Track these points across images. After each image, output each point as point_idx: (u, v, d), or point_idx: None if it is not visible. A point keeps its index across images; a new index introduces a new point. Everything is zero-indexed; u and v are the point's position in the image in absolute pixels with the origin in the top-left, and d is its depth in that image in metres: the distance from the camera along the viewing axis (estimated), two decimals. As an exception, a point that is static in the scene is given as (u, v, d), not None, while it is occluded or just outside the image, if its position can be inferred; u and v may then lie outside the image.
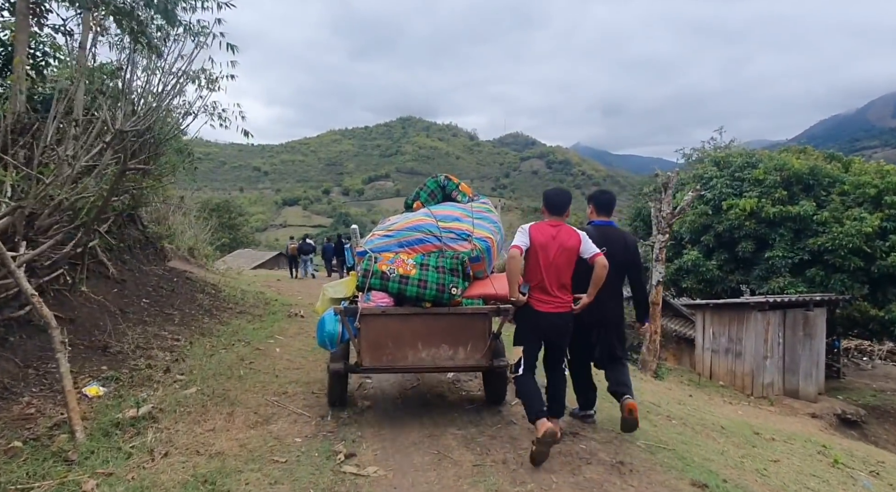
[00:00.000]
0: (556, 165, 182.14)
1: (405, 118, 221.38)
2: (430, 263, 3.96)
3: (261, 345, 6.69)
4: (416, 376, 5.51)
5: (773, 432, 7.16)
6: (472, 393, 5.08)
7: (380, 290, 3.95)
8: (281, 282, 18.34)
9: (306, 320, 9.19)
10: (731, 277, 14.02)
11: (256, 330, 7.65)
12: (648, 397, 7.02)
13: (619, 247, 3.99)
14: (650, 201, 10.22)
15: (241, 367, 5.45)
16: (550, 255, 3.56)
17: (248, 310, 9.37)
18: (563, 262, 3.57)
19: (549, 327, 3.65)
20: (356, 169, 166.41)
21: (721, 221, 14.12)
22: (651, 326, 9.82)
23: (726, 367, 12.35)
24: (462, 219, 4.32)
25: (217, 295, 9.84)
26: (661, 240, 9.83)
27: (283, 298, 12.36)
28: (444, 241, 4.13)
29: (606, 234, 4.00)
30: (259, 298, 11.32)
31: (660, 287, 9.92)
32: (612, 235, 4.06)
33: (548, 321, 3.61)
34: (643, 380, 8.97)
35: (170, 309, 7.45)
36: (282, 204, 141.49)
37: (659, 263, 9.85)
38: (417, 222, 4.27)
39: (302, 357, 6.33)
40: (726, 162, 15.45)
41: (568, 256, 3.58)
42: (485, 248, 4.14)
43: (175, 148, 10.40)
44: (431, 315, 3.89)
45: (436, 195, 4.79)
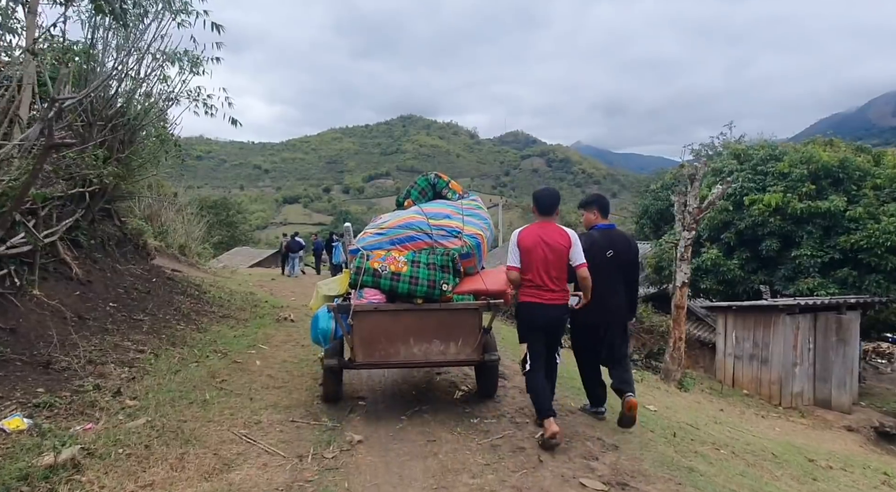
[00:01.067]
0: (557, 163, 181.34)
1: (406, 117, 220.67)
2: (422, 260, 4.03)
3: (240, 356, 5.82)
4: (417, 399, 4.66)
5: (825, 456, 6.29)
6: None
7: (372, 287, 4.01)
8: (275, 281, 17.46)
9: (297, 325, 8.33)
10: (754, 277, 13.12)
11: (238, 338, 6.78)
12: (682, 417, 6.14)
13: (624, 248, 4.16)
14: (673, 195, 9.34)
15: (210, 386, 4.58)
16: (541, 254, 3.73)
17: (232, 314, 8.51)
18: (553, 259, 3.74)
19: (545, 319, 3.80)
20: (357, 167, 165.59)
21: (743, 217, 13.20)
22: (675, 332, 8.95)
23: (751, 374, 11.47)
24: (452, 216, 4.38)
25: (200, 297, 8.98)
26: (686, 237, 8.95)
27: (275, 299, 11.49)
28: (435, 238, 4.21)
29: (612, 237, 4.17)
30: (248, 299, 10.45)
31: (684, 289, 9.05)
32: (618, 237, 4.24)
33: (543, 313, 3.78)
34: (668, 392, 8.09)
35: (140, 314, 6.58)
36: (282, 202, 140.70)
37: (683, 262, 8.97)
38: (408, 220, 4.33)
39: (286, 371, 5.45)
40: (747, 155, 14.53)
41: (558, 254, 3.75)
42: (475, 244, 4.21)
43: (156, 135, 9.50)
44: (423, 311, 3.96)
45: (426, 193, 4.82)
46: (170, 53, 8.53)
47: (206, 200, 48.28)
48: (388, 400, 4.67)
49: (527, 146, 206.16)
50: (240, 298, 10.28)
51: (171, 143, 10.16)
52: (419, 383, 5.19)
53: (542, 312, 3.77)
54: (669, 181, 29.39)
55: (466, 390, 4.94)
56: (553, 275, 3.75)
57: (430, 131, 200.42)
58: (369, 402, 4.61)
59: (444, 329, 3.97)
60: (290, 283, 16.26)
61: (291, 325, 8.29)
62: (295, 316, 9.25)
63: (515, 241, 3.84)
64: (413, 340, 3.94)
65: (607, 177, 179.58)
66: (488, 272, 4.34)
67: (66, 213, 6.99)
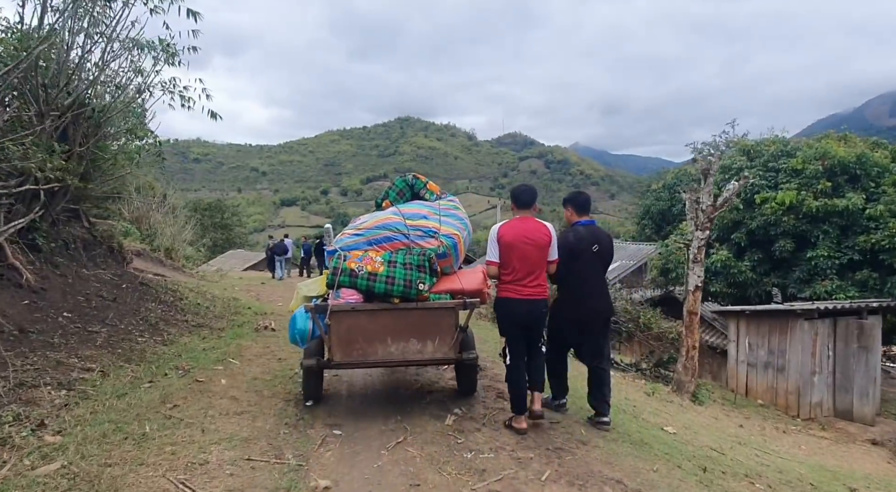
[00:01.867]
0: (555, 164, 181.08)
1: (403, 118, 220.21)
2: (398, 260, 4.06)
3: (203, 374, 5.12)
4: (402, 425, 3.98)
5: (863, 481, 5.62)
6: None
7: (349, 287, 4.03)
8: (265, 285, 16.76)
9: (277, 335, 7.64)
10: (767, 279, 12.45)
11: (207, 351, 6.09)
12: (705, 439, 5.46)
13: (606, 244, 4.16)
14: (684, 192, 8.67)
15: (158, 415, 3.88)
16: (521, 250, 3.78)
17: (207, 322, 7.82)
18: (534, 254, 3.79)
19: (525, 314, 3.83)
20: (354, 169, 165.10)
21: (754, 216, 12.53)
22: (688, 340, 8.27)
23: (766, 383, 10.79)
24: (429, 217, 4.42)
25: (175, 304, 8.29)
26: (699, 237, 8.27)
27: (260, 304, 10.80)
28: (412, 238, 4.24)
29: (595, 233, 4.18)
30: (229, 306, 9.76)
31: (698, 293, 8.36)
32: (600, 233, 4.23)
33: (523, 308, 3.81)
34: (683, 407, 7.41)
35: (97, 325, 5.88)
36: (280, 204, 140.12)
37: (697, 264, 8.29)
38: (385, 221, 4.36)
39: (254, 391, 4.76)
40: (756, 151, 13.87)
41: (540, 250, 3.81)
42: (451, 244, 4.25)
43: (127, 129, 8.80)
44: (400, 310, 3.98)
45: (404, 194, 4.85)
46: (140, 41, 7.85)
47: (200, 202, 47.62)
48: (368, 427, 3.98)
49: (525, 147, 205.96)
50: (220, 305, 9.59)
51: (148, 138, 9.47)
52: (405, 404, 4.50)
53: (521, 308, 3.83)
54: (671, 181, 28.80)
55: (459, 414, 4.26)
56: (534, 270, 3.82)
57: (428, 133, 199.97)
58: (345, 430, 3.92)
59: (420, 328, 4.00)
60: (279, 287, 15.56)
61: (271, 335, 7.60)
62: (277, 324, 8.56)
63: (496, 236, 3.88)
64: (390, 339, 3.98)
65: (605, 178, 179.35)
66: (465, 272, 4.39)
67: (17, 213, 6.30)
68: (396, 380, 5.20)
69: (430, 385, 5.02)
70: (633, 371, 9.59)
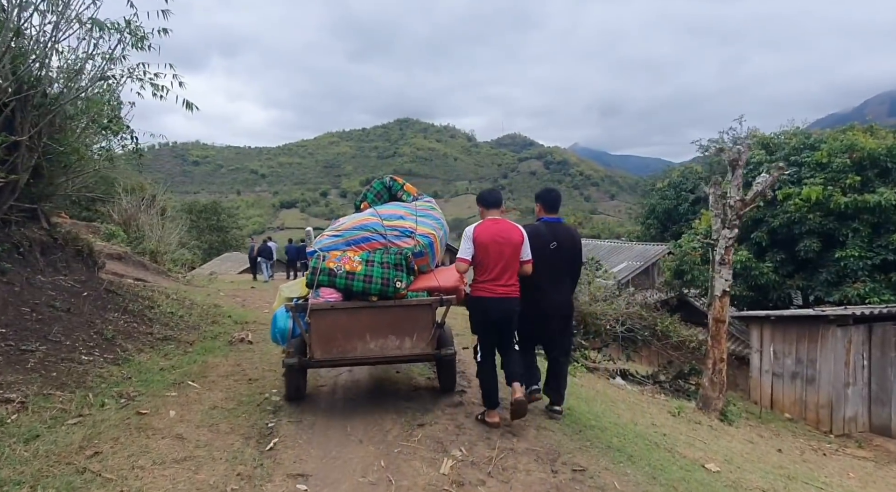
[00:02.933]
0: (554, 165, 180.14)
1: (403, 120, 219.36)
2: (376, 260, 4.16)
3: (151, 403, 4.25)
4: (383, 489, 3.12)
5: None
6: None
7: (328, 286, 4.12)
8: (254, 289, 15.87)
9: (254, 349, 6.78)
10: (790, 282, 11.57)
11: (164, 372, 5.22)
12: (752, 477, 4.56)
13: (568, 242, 4.18)
14: (708, 187, 7.81)
15: (70, 466, 3.01)
16: (496, 250, 3.86)
17: (176, 335, 6.95)
18: (508, 253, 3.88)
19: (497, 312, 3.90)
20: (354, 171, 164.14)
21: (776, 214, 11.65)
22: (715, 351, 7.39)
23: (794, 395, 9.90)
24: (406, 217, 4.53)
25: (143, 314, 7.41)
26: (727, 236, 7.39)
27: (242, 312, 9.91)
28: (389, 238, 4.35)
29: (556, 230, 4.18)
30: (207, 314, 8.89)
31: (725, 299, 7.48)
32: (562, 231, 4.22)
33: (496, 307, 3.89)
34: (714, 429, 6.52)
35: (34, 342, 5.00)
36: (279, 207, 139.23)
37: (724, 266, 7.41)
38: (363, 222, 4.47)
39: (209, 426, 3.89)
40: (777, 144, 12.99)
41: (513, 249, 3.88)
42: (427, 243, 4.35)
43: (92, 119, 7.92)
44: (378, 308, 4.06)
45: (382, 196, 4.96)
46: (100, 20, 6.96)
47: (195, 204, 46.76)
48: (341, 480, 3.11)
49: (524, 148, 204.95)
50: (197, 313, 8.72)
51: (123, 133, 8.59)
52: (390, 444, 3.63)
53: (494, 306, 3.89)
54: (677, 179, 27.94)
55: (459, 455, 3.39)
56: (507, 270, 3.88)
57: (427, 134, 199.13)
58: (313, 484, 3.05)
59: (398, 325, 4.06)
60: (267, 292, 14.62)
61: (247, 348, 6.73)
62: (257, 335, 7.69)
63: (471, 235, 3.92)
64: (369, 336, 4.03)
65: (605, 178, 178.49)
66: (441, 270, 4.52)
67: None
68: (379, 412, 4.34)
69: (420, 417, 4.16)
70: (650, 384, 8.71)
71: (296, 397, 4.41)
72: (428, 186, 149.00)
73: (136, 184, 21.00)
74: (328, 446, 3.65)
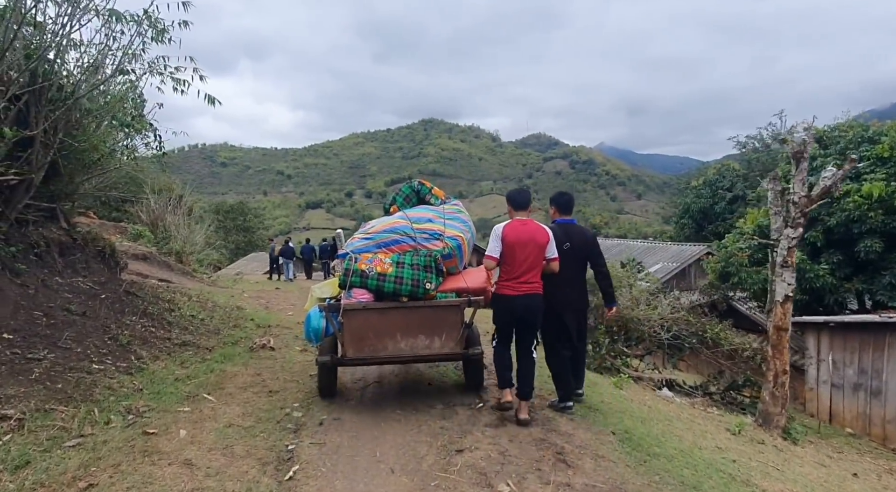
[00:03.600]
0: (580, 165, 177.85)
1: (427, 120, 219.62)
2: (406, 262, 4.27)
3: (161, 420, 3.84)
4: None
5: None
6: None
7: (360, 287, 4.23)
8: (279, 290, 15.61)
9: (276, 356, 6.38)
10: (848, 285, 10.72)
11: (179, 382, 4.83)
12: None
13: (581, 242, 4.45)
14: (766, 182, 7.12)
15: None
16: (523, 249, 4.01)
17: (195, 340, 6.60)
18: (535, 253, 4.03)
19: (522, 308, 4.03)
20: (379, 171, 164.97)
21: (833, 211, 10.80)
22: (776, 362, 6.71)
23: (856, 409, 9.10)
24: (434, 220, 4.63)
25: (162, 317, 7.10)
26: (790, 236, 6.69)
27: (266, 315, 9.56)
28: (419, 240, 4.47)
29: (569, 231, 4.45)
30: (229, 317, 8.56)
31: (788, 305, 6.79)
32: (575, 231, 4.49)
33: (520, 303, 4.02)
34: (778, 450, 5.86)
35: (42, 350, 4.67)
36: (305, 207, 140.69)
37: (786, 269, 6.72)
38: (393, 225, 4.58)
39: (223, 448, 3.45)
40: (831, 137, 12.10)
41: (539, 249, 4.04)
42: (456, 246, 4.46)
43: (111, 116, 7.65)
44: (408, 308, 4.16)
45: (411, 199, 5.08)
46: (119, 12, 6.65)
47: (222, 204, 47.16)
48: None
49: (549, 148, 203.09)
50: (219, 316, 8.40)
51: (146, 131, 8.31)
52: (424, 477, 3.13)
53: (518, 303, 4.02)
54: (713, 177, 26.88)
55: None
56: (532, 268, 4.02)
57: (452, 135, 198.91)
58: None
59: (428, 324, 4.15)
60: (292, 293, 14.34)
61: (268, 356, 6.33)
62: (280, 340, 7.31)
63: (500, 234, 4.06)
64: (400, 336, 4.13)
65: (632, 178, 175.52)
66: (469, 271, 4.60)
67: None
68: (412, 433, 3.85)
69: (458, 441, 3.65)
70: (699, 396, 8.04)
71: (328, 394, 4.56)
72: (453, 187, 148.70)
73: (164, 184, 21.06)
74: (355, 476, 3.18)
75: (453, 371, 5.51)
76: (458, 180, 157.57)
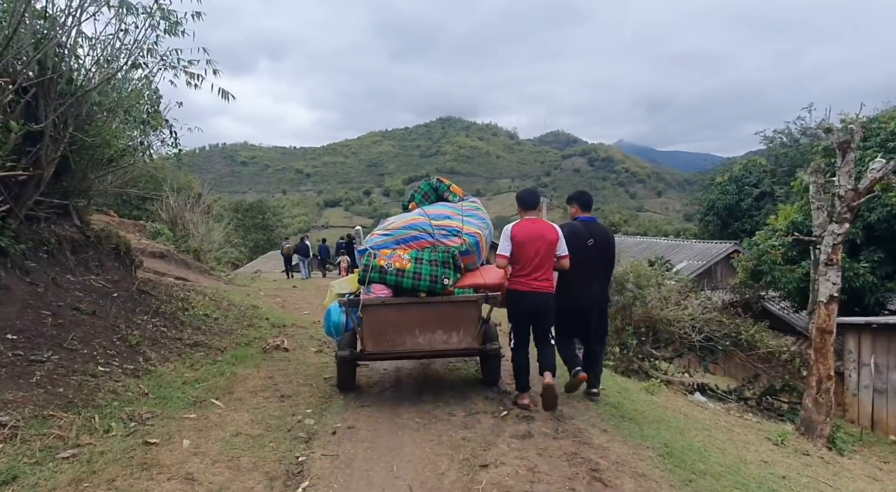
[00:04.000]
0: (599, 162, 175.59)
1: (445, 118, 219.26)
2: (424, 258, 4.33)
3: (163, 429, 3.60)
4: None
5: None
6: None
7: (379, 282, 4.28)
8: (297, 289, 15.48)
9: (290, 358, 6.15)
10: (890, 284, 10.15)
11: (188, 385, 4.60)
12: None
13: (603, 238, 4.53)
14: (806, 174, 6.67)
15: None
16: (533, 247, 4.13)
17: (208, 340, 6.39)
18: (543, 251, 4.14)
19: (533, 304, 4.18)
20: (397, 170, 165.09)
21: (874, 207, 10.23)
22: (819, 366, 6.27)
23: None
24: (453, 217, 4.70)
25: (175, 316, 6.93)
26: (835, 232, 6.24)
27: (281, 314, 9.38)
28: (437, 237, 4.53)
29: (591, 228, 4.52)
30: (243, 316, 8.37)
31: (833, 306, 6.35)
32: (597, 229, 4.57)
33: (529, 299, 4.17)
34: (826, 463, 5.43)
35: (46, 351, 4.47)
36: (323, 205, 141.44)
37: (831, 267, 6.27)
38: (412, 221, 4.65)
39: (228, 461, 3.19)
40: (870, 129, 11.50)
41: (549, 247, 4.15)
42: (473, 242, 4.51)
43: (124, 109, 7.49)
44: (426, 304, 4.23)
45: (429, 196, 5.13)
46: (130, 2, 6.47)
47: (241, 203, 47.48)
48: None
49: (567, 146, 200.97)
50: (234, 315, 8.21)
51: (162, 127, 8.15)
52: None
53: (527, 299, 4.17)
54: (739, 173, 26.10)
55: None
56: (542, 266, 4.14)
57: (470, 133, 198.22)
58: None
59: (446, 320, 4.18)
60: (311, 291, 14.17)
61: (282, 358, 6.10)
62: (295, 341, 7.08)
63: (509, 234, 4.21)
64: (418, 331, 4.16)
65: (652, 175, 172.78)
66: (487, 268, 4.65)
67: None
68: (431, 445, 3.55)
69: (482, 454, 3.34)
70: (733, 401, 7.61)
71: (347, 387, 4.64)
72: (470, 184, 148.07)
73: (184, 183, 21.10)
74: (369, 497, 2.89)
75: (475, 373, 5.23)
76: (475, 178, 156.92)
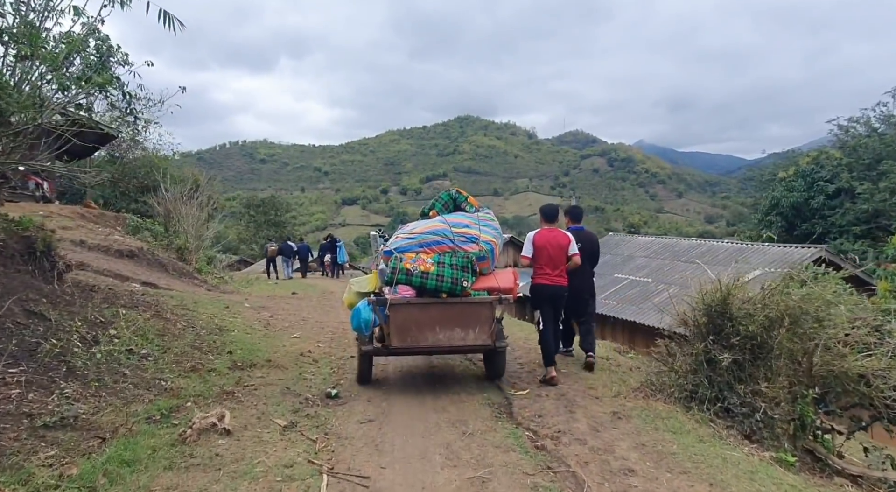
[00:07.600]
0: (618, 162, 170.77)
1: (463, 117, 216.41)
2: (446, 262, 4.84)
3: None
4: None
5: None
6: None
7: (405, 284, 4.76)
8: (297, 295, 12.79)
9: (225, 453, 3.39)
10: None
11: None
12: None
13: (590, 245, 5.85)
14: None
15: None
16: (550, 251, 5.27)
17: (93, 409, 3.89)
18: (558, 254, 5.29)
19: (551, 293, 5.29)
20: (414, 168, 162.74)
21: None
22: None
23: None
24: (471, 225, 5.18)
25: (68, 353, 4.28)
26: None
27: (258, 341, 6.68)
28: (457, 243, 5.02)
29: (580, 236, 5.73)
30: (196, 347, 5.73)
31: None
32: (584, 236, 5.85)
33: (549, 290, 5.28)
34: None
35: None
36: (341, 203, 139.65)
37: None
38: (434, 228, 5.11)
39: None
40: None
41: (562, 250, 5.31)
42: (489, 249, 5.08)
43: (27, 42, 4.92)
44: (447, 304, 4.78)
45: (448, 206, 5.60)
46: None
47: (252, 198, 45.06)
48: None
49: (587, 146, 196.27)
50: (179, 348, 5.63)
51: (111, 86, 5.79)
52: None
53: (548, 290, 5.27)
54: (807, 167, 22.88)
55: None
56: (557, 264, 5.28)
57: (488, 132, 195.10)
58: None
59: (464, 319, 4.75)
60: (312, 300, 11.35)
61: (209, 454, 3.34)
62: (247, 408, 4.39)
63: (532, 239, 5.37)
64: (439, 328, 4.72)
65: (672, 176, 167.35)
66: (500, 272, 5.26)
67: None
68: None
69: None
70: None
71: (365, 381, 5.11)
72: (488, 184, 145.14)
73: (185, 174, 18.65)
74: None
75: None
76: (493, 178, 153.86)
